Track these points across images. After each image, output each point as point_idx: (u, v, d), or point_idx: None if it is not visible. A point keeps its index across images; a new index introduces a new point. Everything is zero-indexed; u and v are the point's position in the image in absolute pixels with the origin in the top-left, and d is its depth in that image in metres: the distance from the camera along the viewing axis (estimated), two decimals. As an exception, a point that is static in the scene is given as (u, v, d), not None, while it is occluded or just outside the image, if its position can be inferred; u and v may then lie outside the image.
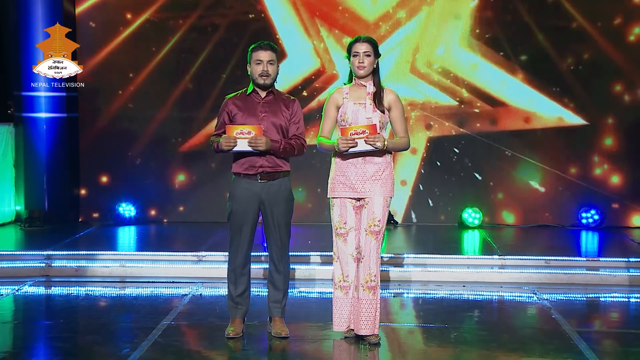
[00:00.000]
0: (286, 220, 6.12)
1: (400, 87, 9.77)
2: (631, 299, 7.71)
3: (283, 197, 6.08)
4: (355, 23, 10.08)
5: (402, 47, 10.10)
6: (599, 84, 10.04)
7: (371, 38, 6.02)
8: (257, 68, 6.02)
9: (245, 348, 6.03)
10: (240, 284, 6.15)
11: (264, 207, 6.08)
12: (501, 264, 8.26)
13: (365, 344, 5.96)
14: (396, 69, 10.10)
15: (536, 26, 10.01)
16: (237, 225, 6.09)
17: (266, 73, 6.00)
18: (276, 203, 6.06)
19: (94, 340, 6.14)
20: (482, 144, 10.17)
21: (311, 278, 8.05)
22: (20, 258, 8.35)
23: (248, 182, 6.05)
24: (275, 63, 6.05)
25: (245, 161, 6.03)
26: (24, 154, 10.15)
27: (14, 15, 9.99)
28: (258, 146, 5.87)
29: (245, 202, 6.05)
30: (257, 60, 6.02)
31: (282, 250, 6.14)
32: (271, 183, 6.04)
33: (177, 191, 10.35)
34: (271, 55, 6.03)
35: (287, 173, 6.12)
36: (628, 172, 10.07)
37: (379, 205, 5.95)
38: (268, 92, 6.09)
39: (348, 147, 5.82)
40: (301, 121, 6.14)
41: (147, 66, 10.20)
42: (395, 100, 6.04)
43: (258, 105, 6.07)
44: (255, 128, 5.89)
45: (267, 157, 6.00)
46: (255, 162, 6.01)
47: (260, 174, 6.02)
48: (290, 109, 6.09)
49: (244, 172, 6.04)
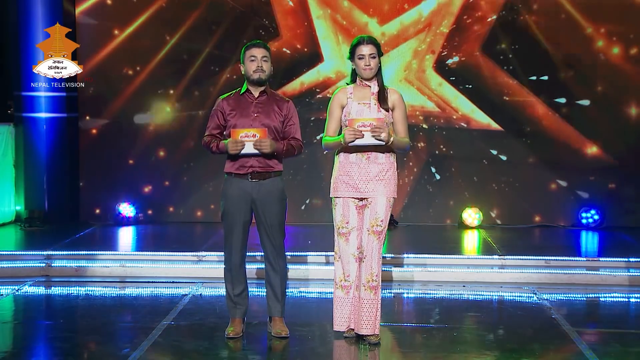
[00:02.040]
0: (279, 220, 6.12)
1: (403, 86, 9.79)
2: (631, 299, 7.71)
3: (275, 197, 6.07)
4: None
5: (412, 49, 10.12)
6: (599, 84, 10.05)
7: (374, 38, 6.02)
8: (251, 65, 6.01)
9: (245, 348, 6.03)
10: (238, 283, 6.15)
11: (255, 207, 6.08)
12: (501, 264, 8.26)
13: (366, 344, 5.96)
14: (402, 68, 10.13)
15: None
16: (229, 225, 6.10)
17: (261, 69, 6.00)
18: (268, 203, 6.06)
19: (94, 340, 6.15)
20: (483, 144, 10.17)
21: (311, 278, 8.05)
22: (20, 258, 8.36)
23: (240, 182, 6.05)
24: (269, 60, 6.05)
25: (237, 161, 6.04)
26: (24, 154, 10.15)
27: (14, 15, 9.98)
28: (263, 148, 5.88)
29: (237, 201, 6.05)
30: (251, 57, 6.01)
31: (277, 250, 6.14)
32: (262, 183, 6.04)
33: (177, 191, 10.35)
34: (264, 52, 6.03)
35: (279, 173, 6.12)
36: (628, 171, 10.08)
37: (382, 206, 5.95)
38: (262, 92, 6.09)
39: (354, 138, 5.81)
40: (297, 123, 6.14)
41: (147, 66, 10.20)
42: (399, 100, 6.03)
43: (251, 105, 6.06)
44: (260, 131, 5.90)
45: (258, 157, 6.01)
46: (245, 162, 6.02)
47: (251, 173, 6.03)
48: (284, 111, 6.09)
49: (235, 172, 6.05)
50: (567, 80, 10.03)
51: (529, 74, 10.05)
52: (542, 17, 10.00)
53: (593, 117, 10.04)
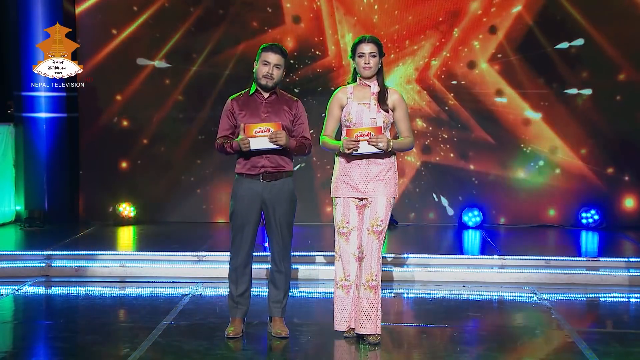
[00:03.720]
0: (288, 221, 6.12)
1: (406, 86, 9.79)
2: (631, 299, 7.71)
3: (285, 197, 6.08)
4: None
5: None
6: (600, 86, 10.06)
7: (376, 38, 6.01)
8: (262, 68, 6.01)
9: (245, 348, 6.03)
10: (242, 283, 6.15)
11: (266, 207, 6.08)
12: (501, 264, 8.26)
13: (366, 344, 5.96)
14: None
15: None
16: (239, 225, 6.09)
17: (270, 76, 6.00)
18: (278, 203, 6.06)
19: (94, 340, 6.15)
20: (483, 144, 10.16)
21: (311, 278, 8.05)
22: (20, 258, 8.35)
23: (250, 182, 6.05)
24: (281, 68, 6.04)
25: (248, 161, 6.03)
26: (24, 154, 10.15)
27: (14, 15, 9.98)
28: (278, 141, 5.87)
29: (247, 202, 6.05)
30: (265, 61, 6.00)
31: (284, 250, 6.14)
32: (274, 183, 6.05)
33: (177, 191, 10.34)
34: (280, 59, 6.01)
35: (290, 173, 6.12)
36: (629, 171, 10.08)
37: (382, 205, 5.95)
38: (271, 92, 6.09)
39: (353, 149, 5.82)
40: (305, 122, 6.14)
41: (147, 66, 10.20)
42: (400, 100, 6.04)
43: (260, 105, 6.06)
44: (274, 125, 5.90)
45: (269, 157, 6.01)
46: (257, 162, 6.02)
47: (262, 174, 6.03)
48: (293, 110, 6.09)
49: (246, 172, 6.05)
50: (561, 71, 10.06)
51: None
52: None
53: (593, 116, 10.05)
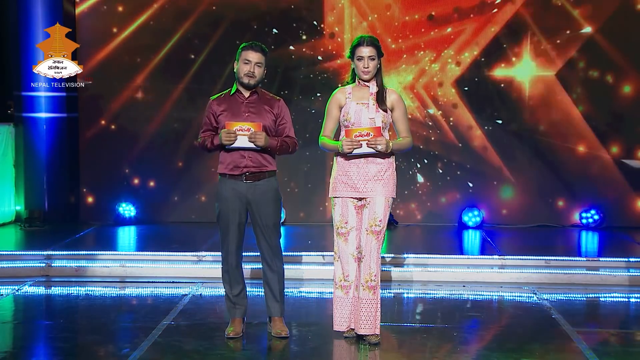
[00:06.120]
0: (274, 221, 6.11)
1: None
2: (631, 299, 7.71)
3: (270, 197, 6.06)
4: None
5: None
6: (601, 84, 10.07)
7: (375, 39, 5.99)
8: (244, 67, 5.99)
9: (245, 348, 6.03)
10: (236, 284, 6.16)
11: (250, 208, 6.07)
12: (501, 264, 8.26)
13: (366, 344, 5.96)
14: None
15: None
16: (225, 226, 6.09)
17: (252, 74, 5.98)
18: (263, 204, 6.05)
19: (94, 340, 6.15)
20: (483, 144, 10.16)
21: (311, 278, 8.05)
22: (20, 258, 8.36)
23: (234, 183, 6.04)
24: (262, 66, 6.02)
25: (230, 162, 6.02)
26: (24, 154, 10.16)
27: (14, 15, 9.99)
28: (257, 141, 5.87)
29: (231, 202, 6.04)
30: (246, 59, 5.99)
31: (273, 251, 6.13)
32: (257, 183, 6.03)
33: (177, 191, 10.35)
34: (260, 57, 6.00)
35: (273, 173, 6.11)
36: (628, 170, 10.08)
37: (381, 205, 5.95)
38: (252, 92, 6.08)
39: (352, 149, 5.82)
40: (289, 121, 6.13)
41: (147, 66, 10.20)
42: (398, 100, 6.03)
43: (242, 105, 6.05)
44: (254, 125, 5.90)
45: (252, 157, 5.99)
46: (239, 163, 6.01)
47: (245, 174, 6.02)
48: (275, 110, 6.08)
49: (229, 173, 6.04)
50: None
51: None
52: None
53: (592, 117, 10.06)
